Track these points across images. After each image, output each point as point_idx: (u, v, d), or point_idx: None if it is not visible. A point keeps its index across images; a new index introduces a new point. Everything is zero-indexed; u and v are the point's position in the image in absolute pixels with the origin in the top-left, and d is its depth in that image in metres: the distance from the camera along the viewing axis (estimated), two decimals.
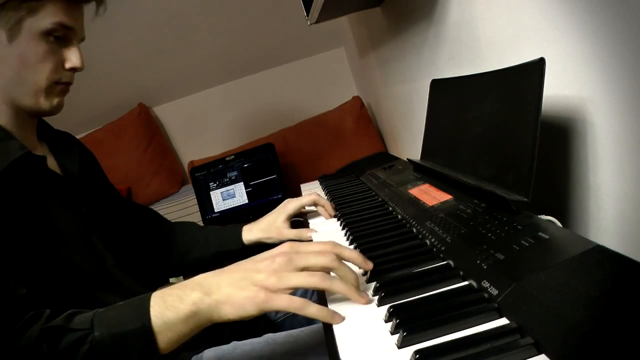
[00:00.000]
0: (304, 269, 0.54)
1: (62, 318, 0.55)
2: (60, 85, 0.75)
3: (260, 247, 0.97)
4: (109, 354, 0.52)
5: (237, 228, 0.98)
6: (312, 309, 0.52)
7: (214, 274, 0.56)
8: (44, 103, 0.74)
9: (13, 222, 0.65)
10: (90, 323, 0.54)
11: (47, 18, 0.70)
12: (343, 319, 0.51)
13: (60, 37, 0.73)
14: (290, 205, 0.95)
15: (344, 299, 0.54)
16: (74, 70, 0.76)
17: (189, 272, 0.99)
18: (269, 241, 0.95)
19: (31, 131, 0.79)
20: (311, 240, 0.82)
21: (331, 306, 0.54)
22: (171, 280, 0.90)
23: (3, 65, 0.71)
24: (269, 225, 0.96)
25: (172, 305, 0.54)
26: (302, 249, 0.56)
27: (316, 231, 0.88)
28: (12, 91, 0.72)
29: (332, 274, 0.55)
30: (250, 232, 0.97)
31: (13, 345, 0.52)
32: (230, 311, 0.53)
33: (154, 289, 0.59)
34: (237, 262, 0.58)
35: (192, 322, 0.54)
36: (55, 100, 0.76)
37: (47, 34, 0.71)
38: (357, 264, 0.58)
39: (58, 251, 0.70)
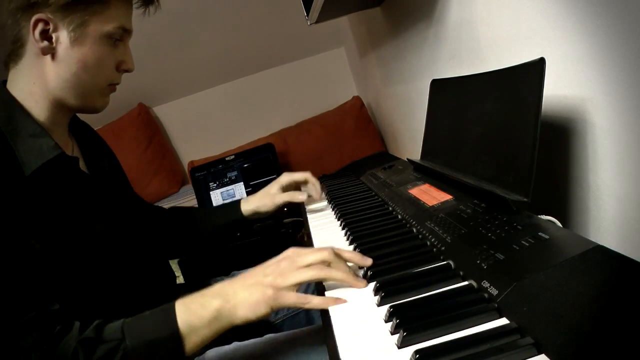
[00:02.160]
0: (305, 267, 0.60)
1: (92, 329, 0.58)
2: (112, 86, 0.76)
3: (259, 222, 1.06)
4: None
5: (235, 201, 1.06)
6: (316, 300, 0.57)
7: (230, 283, 0.62)
8: (96, 102, 0.75)
9: (44, 222, 0.65)
10: (121, 333, 0.58)
11: (110, 21, 0.70)
12: (345, 301, 0.55)
13: (118, 40, 0.73)
14: (284, 178, 1.04)
15: (344, 294, 0.55)
16: (126, 71, 0.77)
17: (197, 248, 1.09)
18: (264, 208, 1.02)
19: (64, 127, 0.79)
20: (303, 202, 0.99)
21: (331, 296, 0.56)
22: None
23: (61, 66, 0.69)
24: (263, 194, 1.04)
25: (196, 313, 0.59)
26: (303, 252, 0.62)
27: (306, 196, 1.00)
28: (63, 91, 0.71)
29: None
30: (248, 203, 1.04)
31: (50, 357, 0.55)
32: (246, 312, 0.59)
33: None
34: (249, 270, 0.64)
35: (215, 326, 0.59)
36: (106, 100, 0.76)
37: (109, 36, 0.71)
38: (355, 262, 0.62)
39: (85, 248, 0.70)
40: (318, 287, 0.63)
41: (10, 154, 0.65)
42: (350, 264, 0.62)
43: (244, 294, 0.59)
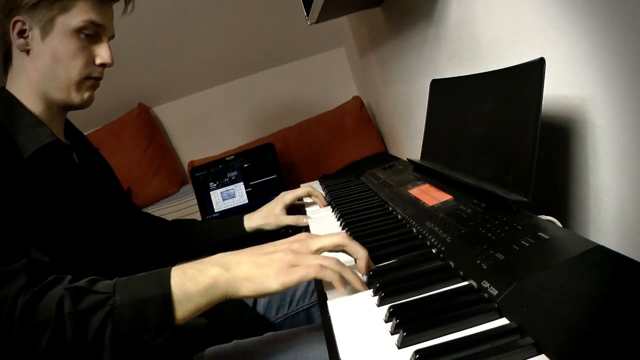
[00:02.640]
0: (317, 251, 0.59)
1: (84, 281, 0.57)
2: (90, 80, 0.80)
3: (261, 234, 1.04)
4: (127, 319, 0.54)
5: (238, 217, 1.05)
6: (349, 275, 0.55)
7: (234, 253, 0.59)
8: (75, 97, 0.79)
9: (37, 200, 0.69)
10: (112, 288, 0.56)
11: (78, 16, 0.74)
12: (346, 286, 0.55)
13: (91, 34, 0.77)
14: (287, 196, 1.04)
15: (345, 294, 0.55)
16: (103, 65, 0.80)
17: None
18: (267, 227, 1.02)
19: (59, 125, 0.84)
20: (307, 226, 0.91)
21: (331, 301, 0.55)
22: None
23: (37, 60, 0.75)
24: (267, 213, 1.03)
25: (192, 277, 0.57)
26: (315, 236, 0.61)
27: (311, 218, 0.96)
28: (45, 85, 0.76)
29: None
30: (251, 220, 1.04)
31: (35, 302, 0.54)
32: (249, 287, 0.56)
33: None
34: (256, 246, 0.61)
35: (209, 295, 0.56)
36: (86, 95, 0.80)
37: (78, 31, 0.75)
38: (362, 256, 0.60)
39: (75, 227, 0.74)
40: (317, 284, 0.63)
41: (11, 140, 0.70)
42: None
43: (249, 267, 0.57)
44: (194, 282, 0.56)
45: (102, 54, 0.79)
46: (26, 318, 0.53)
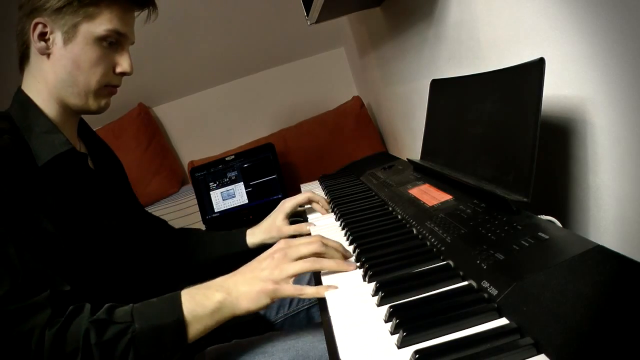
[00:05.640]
0: (298, 259, 0.65)
1: (104, 311, 0.62)
2: (108, 87, 0.79)
3: (264, 247, 1.01)
4: (147, 344, 0.61)
5: (241, 232, 1.03)
6: (309, 291, 0.62)
7: (230, 277, 0.67)
8: (92, 104, 0.78)
9: (52, 211, 0.69)
10: (130, 316, 0.62)
11: (102, 24, 0.74)
12: (336, 287, 0.61)
13: (113, 42, 0.77)
14: (287, 205, 1.01)
15: (344, 294, 0.55)
16: (123, 74, 0.80)
17: (195, 272, 1.04)
18: (271, 241, 0.99)
19: (73, 128, 0.83)
20: (310, 234, 0.91)
21: (332, 301, 0.55)
22: None
23: (57, 65, 0.74)
24: (269, 226, 1.01)
25: (200, 303, 0.64)
26: (294, 244, 0.67)
27: (314, 225, 0.94)
28: (62, 90, 0.76)
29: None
30: (254, 236, 1.01)
31: (62, 333, 0.58)
32: (247, 304, 0.64)
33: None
34: (245, 265, 0.68)
35: (217, 316, 0.64)
36: (103, 102, 0.80)
37: (101, 39, 0.75)
38: (340, 252, 0.68)
39: (89, 238, 0.74)
40: (316, 277, 0.66)
41: (25, 147, 0.71)
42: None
43: (244, 287, 0.64)
44: (202, 307, 0.63)
45: (123, 63, 0.79)
46: (56, 349, 0.58)
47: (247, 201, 1.84)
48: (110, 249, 0.77)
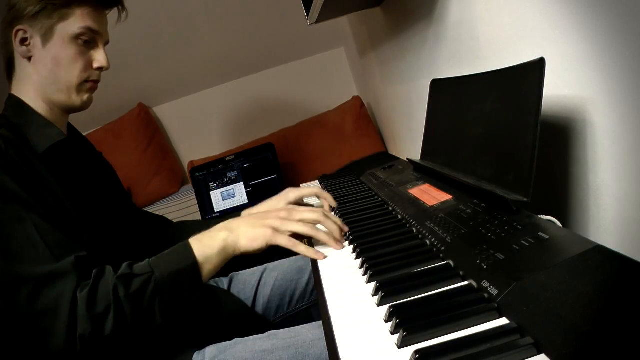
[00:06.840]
0: (300, 221, 0.75)
1: (125, 267, 0.68)
2: (89, 82, 0.85)
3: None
4: (169, 289, 0.68)
5: (237, 214, 1.01)
6: (301, 247, 0.72)
7: (235, 219, 0.78)
8: (76, 99, 0.84)
9: (57, 192, 0.75)
10: (149, 268, 0.69)
11: (76, 23, 0.81)
12: (325, 256, 0.71)
13: (88, 40, 0.83)
14: (291, 195, 0.97)
15: (344, 294, 0.55)
16: (100, 69, 0.86)
17: None
18: None
19: (63, 127, 0.88)
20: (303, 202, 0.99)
21: (332, 301, 0.55)
22: None
23: (39, 65, 0.81)
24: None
25: (208, 244, 0.72)
26: (299, 209, 0.79)
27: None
28: (47, 88, 0.82)
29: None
30: None
31: (93, 294, 0.64)
32: (245, 243, 0.73)
33: None
34: (252, 214, 0.80)
35: (223, 255, 0.73)
36: (85, 97, 0.86)
37: (76, 37, 0.81)
38: (339, 225, 0.77)
39: (91, 217, 0.81)
40: (316, 284, 0.65)
41: (24, 139, 0.77)
42: None
43: (246, 228, 0.74)
44: (210, 248, 0.72)
45: (99, 58, 0.85)
46: (90, 309, 0.63)
47: (247, 201, 1.84)
48: (106, 224, 0.84)
